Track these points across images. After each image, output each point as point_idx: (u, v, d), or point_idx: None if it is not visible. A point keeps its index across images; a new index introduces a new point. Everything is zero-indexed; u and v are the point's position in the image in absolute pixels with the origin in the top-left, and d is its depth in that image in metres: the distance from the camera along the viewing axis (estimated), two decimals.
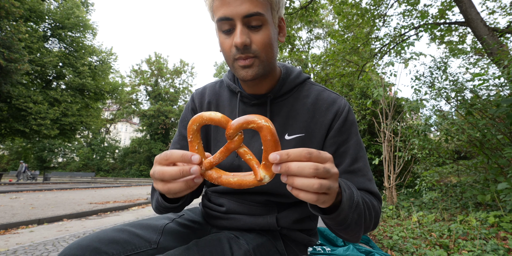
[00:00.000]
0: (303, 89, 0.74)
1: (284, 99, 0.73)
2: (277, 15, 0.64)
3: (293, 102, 0.72)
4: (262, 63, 0.62)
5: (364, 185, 0.66)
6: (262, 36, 0.60)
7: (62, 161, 31.40)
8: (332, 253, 1.05)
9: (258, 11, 0.58)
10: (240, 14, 0.57)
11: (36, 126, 14.42)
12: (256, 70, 0.62)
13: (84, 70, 16.89)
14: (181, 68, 32.66)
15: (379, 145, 5.46)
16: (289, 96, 0.73)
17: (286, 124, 0.70)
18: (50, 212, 4.80)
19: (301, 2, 7.53)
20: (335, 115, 0.69)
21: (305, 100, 0.72)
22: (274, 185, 0.69)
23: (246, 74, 0.62)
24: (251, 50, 0.60)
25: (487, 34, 4.77)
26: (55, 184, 14.75)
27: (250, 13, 0.57)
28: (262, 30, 0.60)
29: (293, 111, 0.71)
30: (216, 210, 0.78)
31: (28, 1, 14.07)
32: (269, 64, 0.64)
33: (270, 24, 0.62)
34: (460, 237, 2.30)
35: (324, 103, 0.71)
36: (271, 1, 0.61)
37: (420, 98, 3.99)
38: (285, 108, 0.72)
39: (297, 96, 0.73)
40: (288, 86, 0.73)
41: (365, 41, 7.72)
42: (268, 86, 0.72)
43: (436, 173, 5.78)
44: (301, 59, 19.42)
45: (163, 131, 29.60)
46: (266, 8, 0.60)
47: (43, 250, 2.64)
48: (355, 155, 0.68)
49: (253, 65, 0.61)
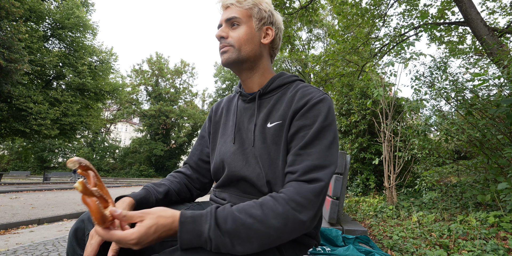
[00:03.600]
0: (291, 87, 0.83)
1: (272, 95, 0.84)
2: (259, 22, 0.82)
3: (279, 97, 0.82)
4: (234, 52, 0.80)
5: (303, 169, 0.65)
6: (237, 33, 0.81)
7: (62, 161, 31.42)
8: (332, 253, 1.05)
9: (234, 16, 0.80)
10: (224, 19, 0.82)
11: (37, 126, 14.41)
12: (228, 55, 0.80)
13: (84, 70, 16.85)
14: (182, 68, 32.66)
15: (379, 145, 5.46)
16: (277, 92, 0.84)
17: (269, 115, 0.80)
18: (50, 212, 4.80)
19: (301, 2, 7.53)
20: (306, 103, 0.74)
21: (290, 94, 0.81)
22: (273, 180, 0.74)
23: (223, 58, 0.81)
24: (227, 41, 0.81)
25: (487, 34, 4.77)
26: (55, 184, 14.75)
27: (229, 17, 0.81)
28: (238, 29, 0.81)
29: (277, 104, 0.81)
30: (220, 203, 0.82)
31: (28, 1, 14.06)
32: (241, 53, 0.80)
33: (247, 26, 0.81)
34: (460, 237, 2.30)
35: (302, 94, 0.78)
36: (252, 11, 0.82)
37: (420, 98, 3.98)
38: (272, 101, 0.82)
39: (284, 92, 0.83)
40: (277, 84, 0.84)
41: (365, 41, 7.73)
42: (260, 85, 0.86)
43: (436, 173, 5.78)
44: (301, 59, 19.42)
45: (163, 131, 29.58)
46: (243, 15, 0.81)
47: (43, 250, 2.64)
48: (311, 141, 0.69)
49: (228, 51, 0.80)
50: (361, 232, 1.94)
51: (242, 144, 0.81)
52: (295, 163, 0.68)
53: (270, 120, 0.78)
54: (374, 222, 3.34)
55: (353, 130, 6.01)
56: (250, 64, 0.83)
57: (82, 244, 0.71)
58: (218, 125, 0.95)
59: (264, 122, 0.79)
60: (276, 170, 0.74)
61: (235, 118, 0.86)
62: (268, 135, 0.76)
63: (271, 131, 0.76)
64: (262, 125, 0.79)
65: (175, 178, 0.94)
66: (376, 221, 3.38)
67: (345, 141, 6.31)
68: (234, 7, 0.82)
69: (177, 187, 0.91)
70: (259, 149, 0.76)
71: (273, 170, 0.74)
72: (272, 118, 0.78)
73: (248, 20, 0.82)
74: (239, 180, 0.80)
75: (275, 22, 0.85)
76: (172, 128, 30.94)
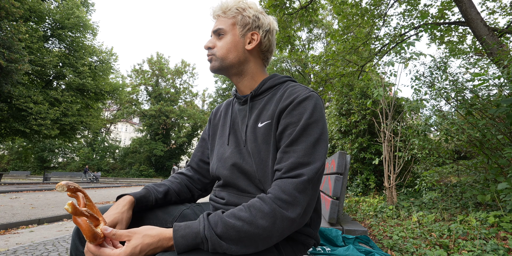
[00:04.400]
0: (282, 87, 0.85)
1: (263, 96, 0.86)
2: (244, 30, 0.85)
3: (270, 97, 0.84)
4: (216, 60, 0.85)
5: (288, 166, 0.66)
6: (221, 43, 0.85)
7: (62, 161, 31.43)
8: (332, 253, 1.05)
9: (219, 27, 0.85)
10: (212, 30, 0.88)
11: (37, 126, 14.42)
12: (212, 64, 0.86)
13: (85, 70, 16.87)
14: (182, 68, 32.66)
15: (379, 145, 5.46)
16: (268, 94, 0.85)
17: (260, 115, 0.82)
18: (50, 212, 4.80)
19: (301, 2, 7.53)
20: (291, 101, 0.75)
21: (279, 94, 0.82)
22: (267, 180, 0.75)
23: (209, 66, 0.88)
24: (211, 51, 0.86)
25: (487, 34, 4.77)
26: (55, 184, 14.75)
27: (215, 29, 0.86)
28: (223, 39, 0.85)
29: (267, 104, 0.83)
30: (218, 202, 0.86)
31: (28, 1, 14.06)
32: (224, 61, 0.85)
33: (231, 34, 0.85)
34: (460, 237, 2.30)
35: (289, 93, 0.79)
36: (235, 19, 0.85)
37: (420, 98, 3.98)
38: (262, 103, 0.84)
39: (275, 93, 0.84)
40: (268, 85, 0.86)
41: (365, 41, 7.72)
42: (253, 88, 0.89)
43: (436, 173, 5.78)
44: (301, 59, 19.42)
45: (163, 131, 29.58)
46: (228, 24, 0.85)
47: (43, 250, 2.64)
48: (296, 138, 0.70)
49: (211, 60, 0.86)
50: (361, 232, 1.94)
51: (238, 145, 0.84)
52: (282, 160, 0.69)
53: (261, 120, 0.80)
54: (374, 222, 3.34)
55: (353, 130, 6.01)
56: (236, 70, 0.86)
57: (85, 242, 0.72)
58: (216, 127, 0.98)
59: (255, 122, 0.81)
60: (266, 169, 0.75)
61: (230, 120, 0.90)
62: (259, 135, 0.78)
63: (262, 130, 0.78)
64: (253, 125, 0.81)
65: (176, 179, 0.97)
66: (376, 221, 3.38)
67: (345, 141, 6.31)
68: (221, 17, 0.87)
69: (177, 187, 0.94)
70: (251, 148, 0.78)
71: (264, 168, 0.76)
72: (262, 119, 0.80)
73: (232, 28, 0.85)
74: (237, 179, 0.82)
75: (262, 26, 0.86)
76: (172, 128, 30.94)
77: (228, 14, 0.85)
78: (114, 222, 0.70)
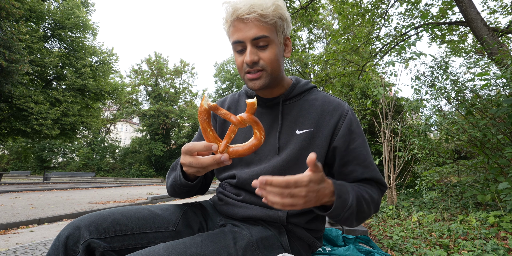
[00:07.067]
0: (311, 93, 0.86)
1: (294, 101, 0.84)
2: (281, 35, 0.76)
3: (303, 103, 0.83)
4: (268, 76, 0.75)
5: (372, 174, 0.77)
6: (269, 54, 0.73)
7: (62, 161, 31.41)
8: (332, 253, 1.05)
9: (264, 34, 0.70)
10: (249, 37, 0.70)
11: (38, 126, 14.42)
12: (263, 81, 0.75)
13: (86, 71, 16.87)
14: (182, 68, 32.63)
15: (379, 145, 5.45)
16: (299, 99, 0.84)
17: (296, 121, 0.80)
18: (50, 212, 4.80)
19: (301, 2, 7.53)
20: (340, 116, 0.79)
21: (313, 102, 0.83)
22: None
23: (254, 85, 0.75)
24: (259, 65, 0.73)
25: (487, 34, 4.77)
26: (55, 184, 14.75)
27: (257, 36, 0.70)
28: (268, 49, 0.72)
29: (302, 110, 0.81)
30: (233, 198, 0.84)
31: (28, 1, 14.06)
32: (275, 76, 0.77)
33: (275, 43, 0.74)
34: (460, 237, 2.30)
35: (331, 105, 0.81)
36: (276, 25, 0.73)
37: (421, 98, 3.98)
38: (296, 108, 0.82)
39: (306, 99, 0.84)
40: (298, 91, 0.84)
41: (365, 41, 7.72)
42: (280, 91, 0.84)
43: (436, 173, 5.77)
44: (301, 59, 19.41)
45: (163, 131, 29.56)
46: (271, 31, 0.72)
47: (43, 250, 2.64)
48: (365, 152, 0.79)
49: (260, 77, 0.74)
50: (361, 232, 1.94)
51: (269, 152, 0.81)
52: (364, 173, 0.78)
53: (299, 127, 0.80)
54: (374, 222, 3.33)
55: None
56: (277, 81, 0.80)
57: (71, 254, 0.62)
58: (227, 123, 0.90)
59: (291, 129, 0.80)
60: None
61: None
62: (298, 142, 0.78)
63: (302, 137, 0.78)
64: (289, 132, 0.80)
65: None
66: (376, 221, 3.38)
67: None
68: (256, 22, 0.69)
69: None
70: (287, 155, 0.78)
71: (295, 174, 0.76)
72: (300, 125, 0.80)
73: (275, 36, 0.73)
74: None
75: (289, 27, 0.79)
76: (172, 128, 30.92)
77: (269, 19, 0.70)
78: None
